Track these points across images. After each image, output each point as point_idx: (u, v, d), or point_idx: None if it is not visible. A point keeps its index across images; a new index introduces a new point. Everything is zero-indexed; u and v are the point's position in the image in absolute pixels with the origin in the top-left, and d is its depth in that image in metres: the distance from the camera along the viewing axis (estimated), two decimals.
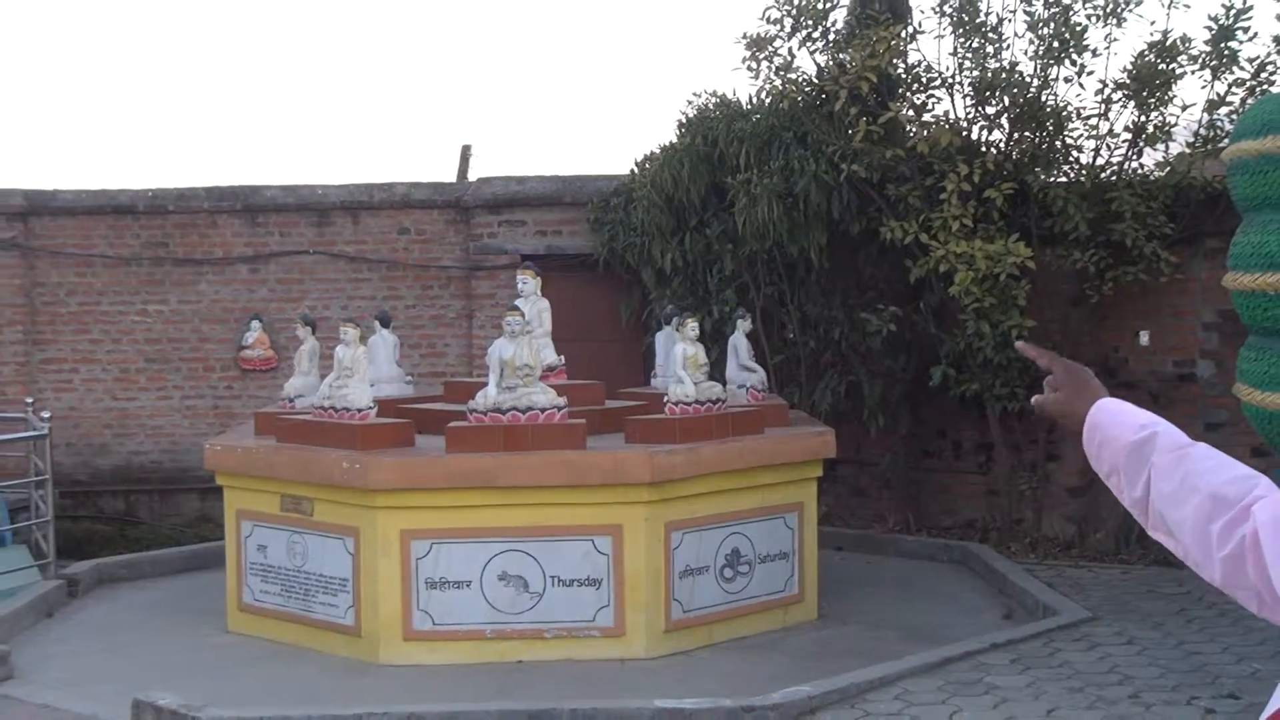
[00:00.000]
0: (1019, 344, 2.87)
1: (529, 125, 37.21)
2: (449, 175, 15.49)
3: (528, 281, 10.42)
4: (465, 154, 15.74)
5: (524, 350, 9.38)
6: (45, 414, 12.03)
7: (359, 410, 9.50)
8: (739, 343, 10.62)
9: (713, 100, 13.09)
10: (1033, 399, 2.71)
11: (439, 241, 14.36)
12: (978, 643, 9.01)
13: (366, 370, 9.87)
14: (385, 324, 11.44)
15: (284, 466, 9.60)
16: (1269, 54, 11.64)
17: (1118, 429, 2.46)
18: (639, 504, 9.07)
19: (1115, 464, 2.46)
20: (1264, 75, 11.64)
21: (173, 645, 9.64)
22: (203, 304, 14.29)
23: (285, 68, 38.64)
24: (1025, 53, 11.88)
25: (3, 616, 9.88)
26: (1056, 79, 11.81)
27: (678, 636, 9.24)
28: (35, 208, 14.20)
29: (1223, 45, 11.55)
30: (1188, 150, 11.87)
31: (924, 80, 12.24)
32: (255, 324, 14.19)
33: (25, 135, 36.61)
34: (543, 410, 9.24)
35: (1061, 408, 2.62)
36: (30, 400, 12.89)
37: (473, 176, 15.18)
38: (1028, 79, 11.73)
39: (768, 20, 12.42)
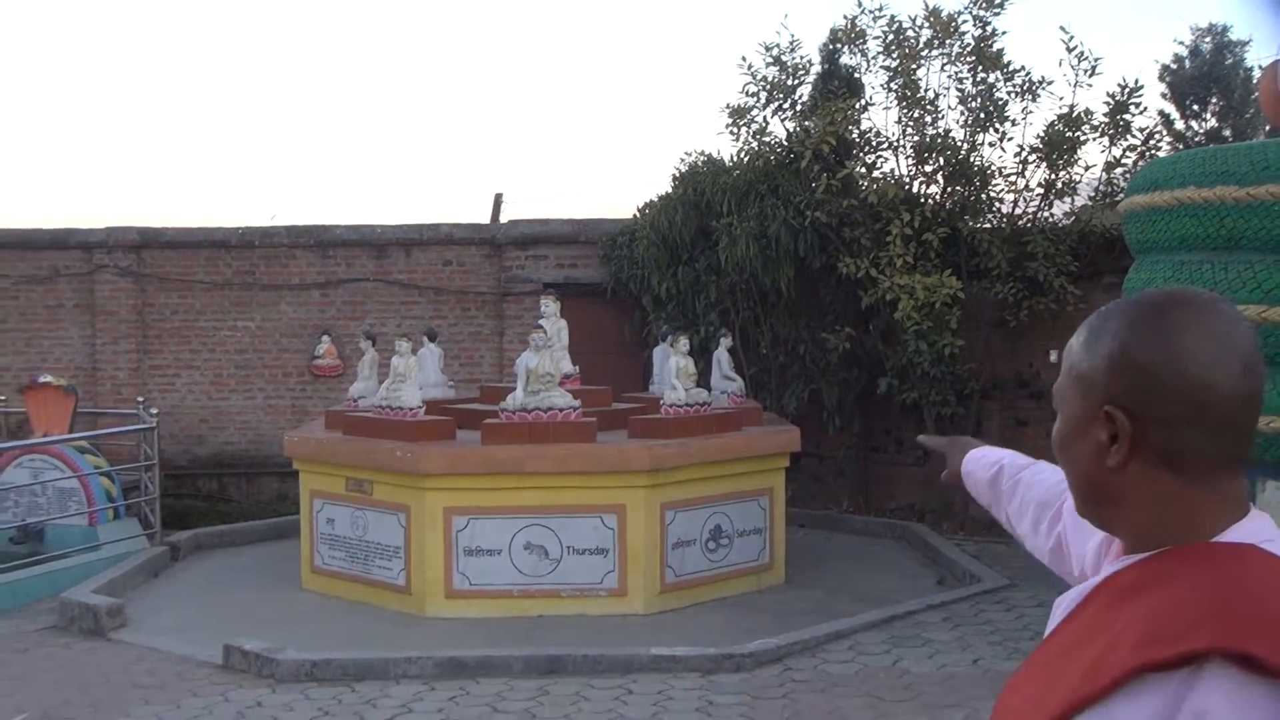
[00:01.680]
0: (920, 439, 2.93)
1: (552, 176, 37.27)
2: (484, 215, 15.54)
3: (549, 305, 10.44)
4: (498, 201, 15.76)
5: (546, 361, 9.41)
6: (153, 410, 12.03)
7: (410, 409, 9.51)
8: (721, 357, 10.62)
9: (701, 158, 13.12)
10: (943, 476, 2.72)
11: (476, 272, 14.36)
12: (916, 604, 9.02)
13: (417, 376, 9.88)
14: (432, 339, 11.45)
15: (349, 454, 9.61)
16: (1156, 125, 11.73)
17: (980, 471, 2.48)
18: (639, 488, 9.08)
19: (983, 497, 2.49)
20: (1152, 142, 11.72)
21: (256, 600, 9.66)
22: (282, 321, 14.28)
23: (353, 123, 38.64)
24: (957, 122, 11.94)
25: (118, 576, 9.92)
26: (982, 143, 11.85)
27: (670, 596, 9.24)
28: (147, 241, 14.19)
29: (1119, 117, 11.60)
30: (1090, 203, 11.91)
31: (874, 143, 12.27)
32: (325, 338, 14.20)
33: (140, 179, 36.61)
34: (561, 410, 9.26)
35: (952, 469, 2.62)
36: (141, 399, 12.88)
37: (503, 219, 15.19)
38: (959, 143, 11.76)
39: (746, 94, 12.49)
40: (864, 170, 12.04)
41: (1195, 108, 24.60)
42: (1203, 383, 1.45)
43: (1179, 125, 24.60)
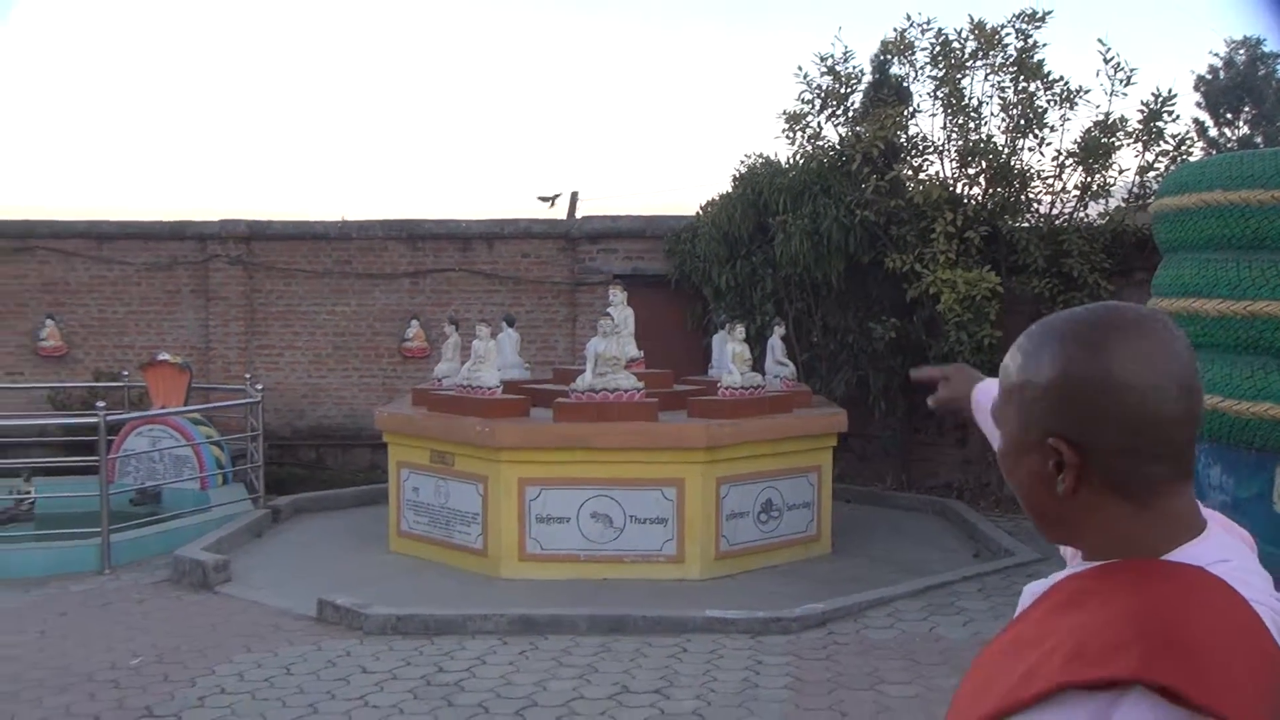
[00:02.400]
0: (913, 371, 2.76)
1: (624, 176, 37.31)
2: (560, 209, 15.56)
3: (617, 295, 10.44)
4: (574, 199, 15.79)
5: (613, 346, 9.41)
6: (259, 386, 12.19)
7: (489, 388, 9.56)
8: (775, 344, 10.57)
9: (759, 160, 13.03)
10: (931, 400, 2.60)
11: (552, 263, 14.39)
12: (952, 575, 8.92)
13: (495, 359, 9.93)
14: (510, 324, 11.49)
15: (433, 429, 9.67)
16: (1188, 131, 11.52)
17: (992, 394, 2.34)
18: (697, 463, 9.05)
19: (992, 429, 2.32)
20: (1184, 148, 11.48)
21: (348, 560, 9.76)
22: (375, 307, 14.40)
23: (446, 124, 38.91)
24: (998, 128, 11.78)
25: (224, 535, 10.05)
26: (1022, 148, 11.71)
27: (724, 564, 9.22)
28: (255, 233, 14.37)
29: (1152, 124, 11.38)
30: (1123, 204, 11.70)
31: (920, 148, 12.14)
32: (414, 323, 14.31)
33: (250, 176, 37.13)
34: (626, 391, 9.25)
35: (952, 391, 2.54)
36: (248, 376, 13.05)
37: (579, 214, 15.22)
38: (1000, 148, 11.60)
39: (802, 101, 12.43)
40: (911, 172, 11.92)
41: (1229, 116, 24.08)
42: (1143, 409, 1.37)
43: (1213, 132, 24.10)
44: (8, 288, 14.29)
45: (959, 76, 11.65)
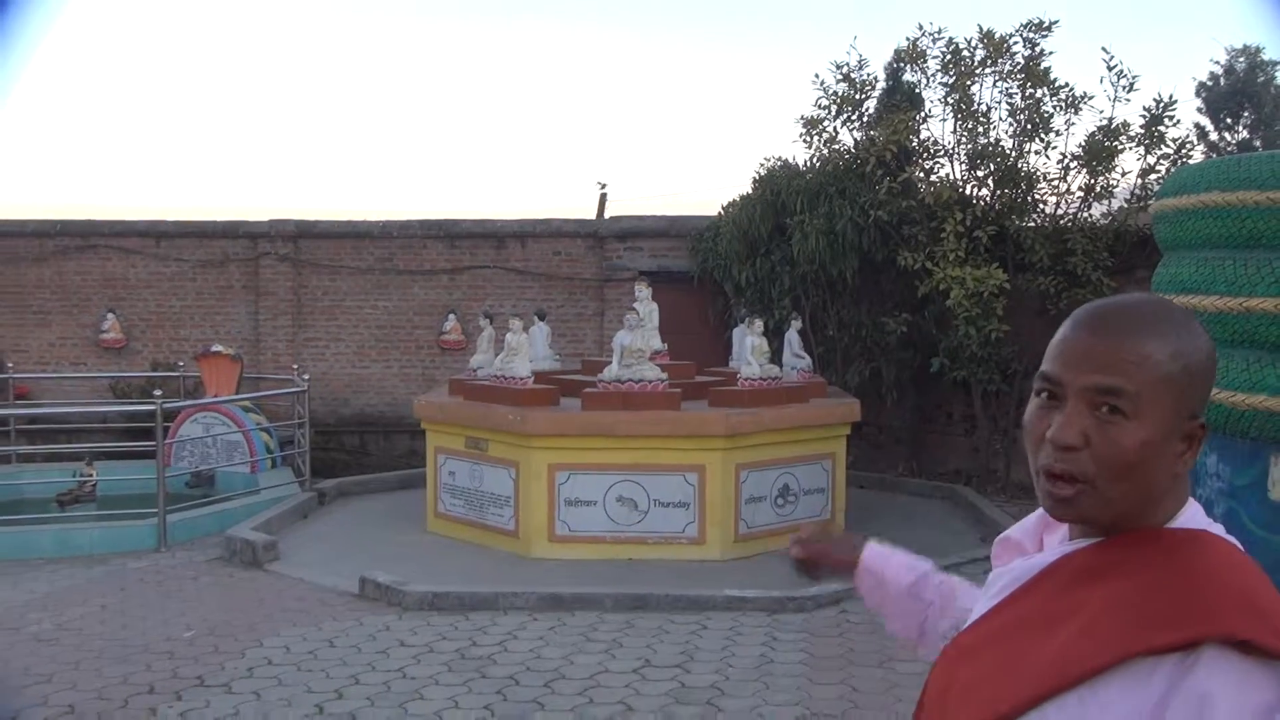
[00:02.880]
0: (790, 549, 2.15)
1: (650, 179, 37.28)
2: (590, 205, 15.58)
3: (642, 290, 10.42)
4: (603, 199, 15.80)
5: (638, 339, 9.39)
6: (305, 376, 12.27)
7: (521, 379, 9.57)
8: (792, 337, 10.53)
9: (778, 163, 12.98)
10: (795, 552, 2.12)
11: (581, 261, 14.38)
12: (959, 557, 8.85)
13: (527, 351, 9.93)
14: (542, 318, 11.50)
15: (468, 417, 9.69)
16: (1188, 135, 11.38)
17: (895, 573, 2.02)
18: (717, 450, 9.03)
19: (885, 598, 2.02)
20: (1184, 151, 11.35)
21: (388, 540, 9.79)
22: (415, 302, 14.43)
23: (482, 128, 38.98)
24: (1006, 132, 11.67)
25: (273, 516, 10.11)
26: (1029, 151, 11.58)
27: (743, 546, 9.20)
28: (302, 232, 14.42)
29: (1154, 129, 11.25)
30: (1126, 205, 11.58)
31: (931, 151, 12.05)
32: (451, 317, 14.33)
33: (298, 175, 37.30)
34: (650, 382, 9.24)
35: (832, 557, 2.12)
36: (296, 366, 13.13)
37: (607, 214, 15.21)
38: (1008, 151, 11.50)
39: (819, 106, 12.36)
40: (922, 175, 11.83)
41: (1229, 121, 23.82)
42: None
43: (1213, 136, 23.84)
44: (72, 283, 14.42)
45: (969, 83, 11.56)
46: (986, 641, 1.47)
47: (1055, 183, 11.68)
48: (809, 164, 12.54)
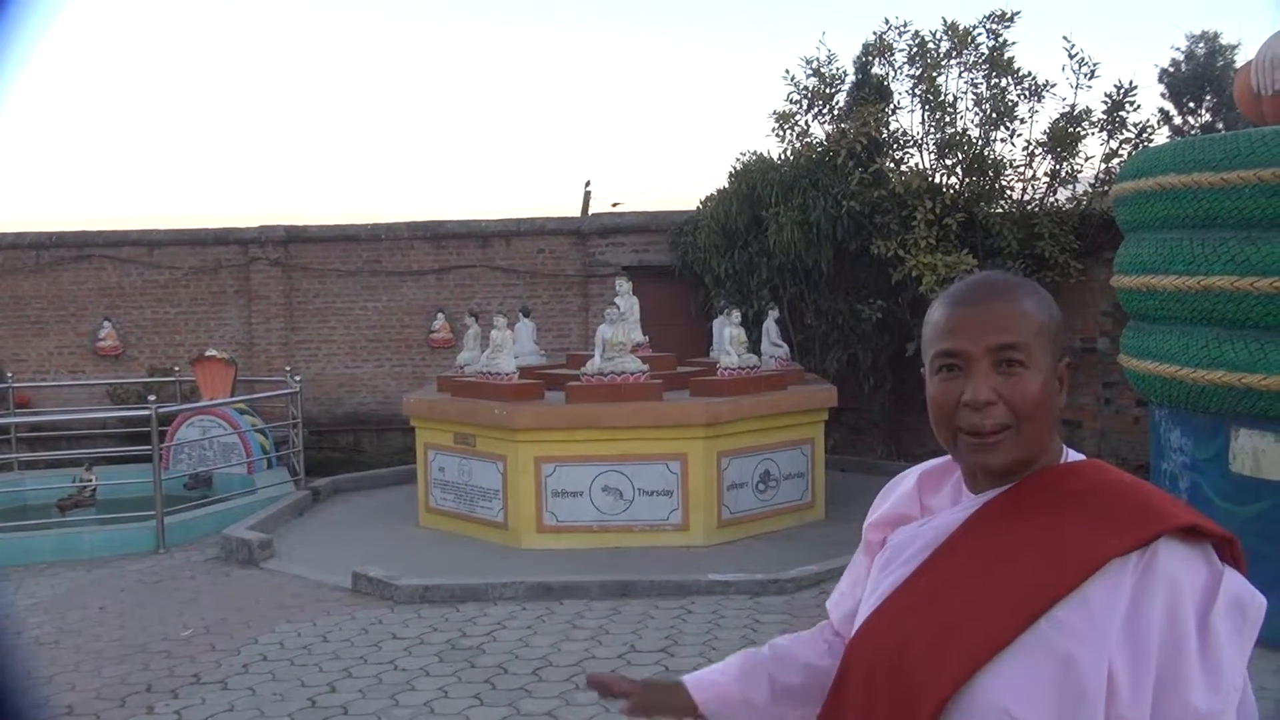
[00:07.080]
0: (589, 679, 2.01)
1: (630, 174, 37.19)
2: (573, 200, 15.51)
3: (623, 284, 10.38)
4: (587, 196, 15.71)
5: (619, 332, 9.37)
6: (298, 377, 12.22)
7: (506, 374, 9.53)
8: (770, 327, 10.50)
9: (753, 157, 12.93)
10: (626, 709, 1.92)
11: (565, 258, 14.33)
12: None
13: (512, 347, 9.90)
14: (527, 315, 11.47)
15: (456, 412, 9.65)
16: (1149, 120, 11.37)
17: (744, 689, 1.95)
18: (699, 439, 9.02)
19: (751, 713, 1.94)
20: (1144, 135, 11.34)
21: (381, 535, 9.77)
22: (404, 302, 14.37)
23: (464, 127, 38.85)
24: (973, 121, 11.63)
25: (268, 515, 10.07)
26: (995, 140, 11.56)
27: (726, 531, 9.19)
28: (292, 237, 14.34)
29: (1115, 114, 11.26)
30: (1090, 189, 11.58)
31: (901, 142, 12.00)
32: (440, 316, 14.27)
33: (287, 184, 37.15)
34: (632, 374, 9.22)
35: (659, 707, 1.94)
36: (289, 368, 13.08)
37: (592, 208, 15.17)
38: (975, 140, 11.48)
39: (790, 101, 12.32)
40: (892, 165, 11.80)
41: (1191, 105, 23.82)
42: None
43: (1177, 121, 23.85)
44: (69, 293, 14.33)
45: (935, 74, 11.52)
46: (932, 596, 1.56)
47: (1021, 169, 11.67)
48: (783, 157, 12.51)
